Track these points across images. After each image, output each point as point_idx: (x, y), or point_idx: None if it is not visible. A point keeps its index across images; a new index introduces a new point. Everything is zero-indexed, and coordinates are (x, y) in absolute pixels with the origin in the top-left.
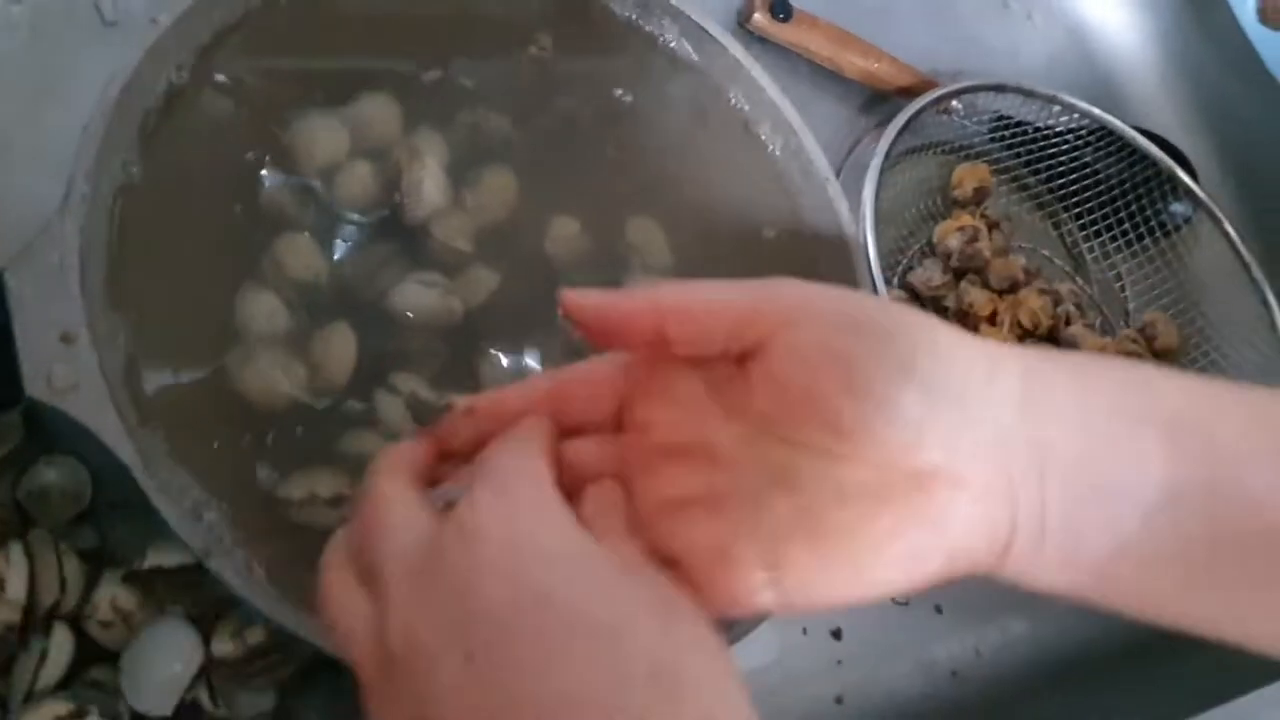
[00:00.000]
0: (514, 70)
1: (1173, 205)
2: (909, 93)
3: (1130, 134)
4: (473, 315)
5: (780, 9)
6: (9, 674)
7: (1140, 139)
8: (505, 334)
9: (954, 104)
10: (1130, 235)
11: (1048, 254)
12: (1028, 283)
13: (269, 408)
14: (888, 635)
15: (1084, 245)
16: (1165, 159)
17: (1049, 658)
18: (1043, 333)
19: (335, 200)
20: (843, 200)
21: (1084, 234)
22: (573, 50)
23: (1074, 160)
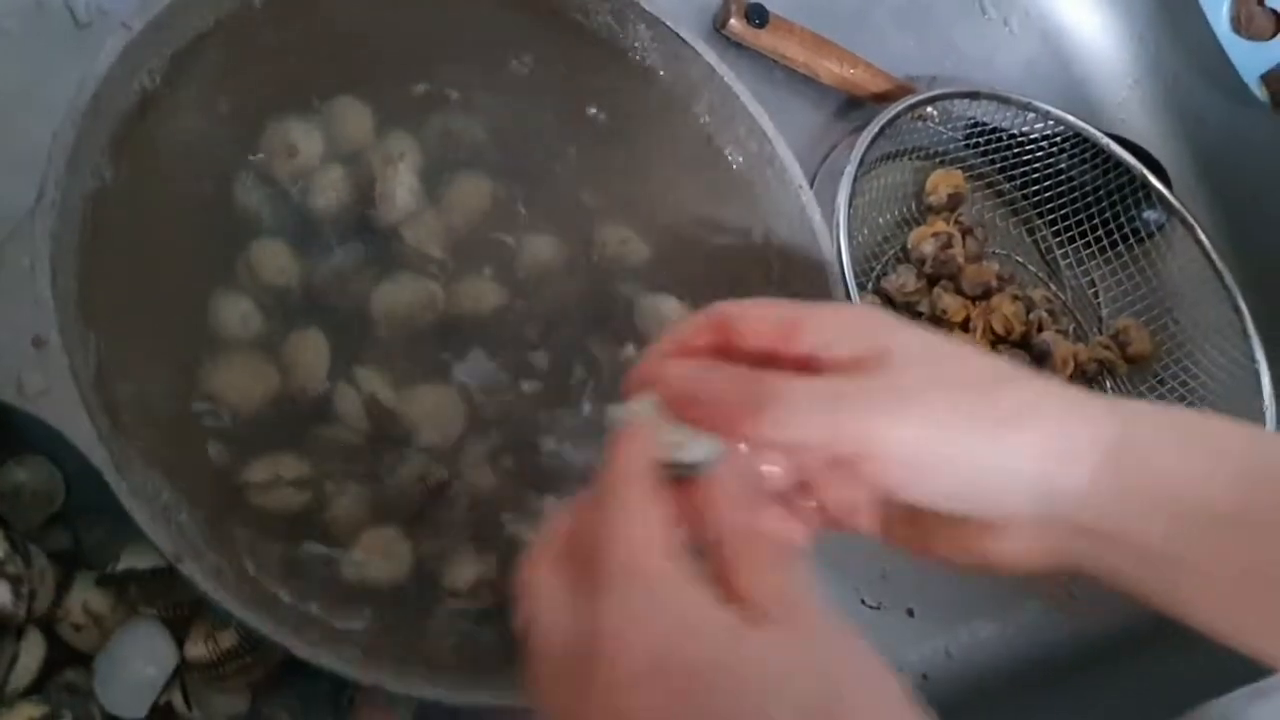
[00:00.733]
0: (490, 76)
1: (1146, 212)
2: (885, 98)
3: (1104, 141)
4: (444, 320)
5: (756, 14)
6: None
7: (1114, 146)
8: (476, 338)
9: (929, 110)
10: (1104, 242)
11: (1021, 260)
12: (1001, 289)
13: (242, 411)
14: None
15: (1058, 251)
16: (1139, 166)
17: (1018, 660)
18: (1015, 339)
19: (309, 205)
20: (817, 206)
21: (1058, 240)
22: (547, 55)
23: (1048, 167)
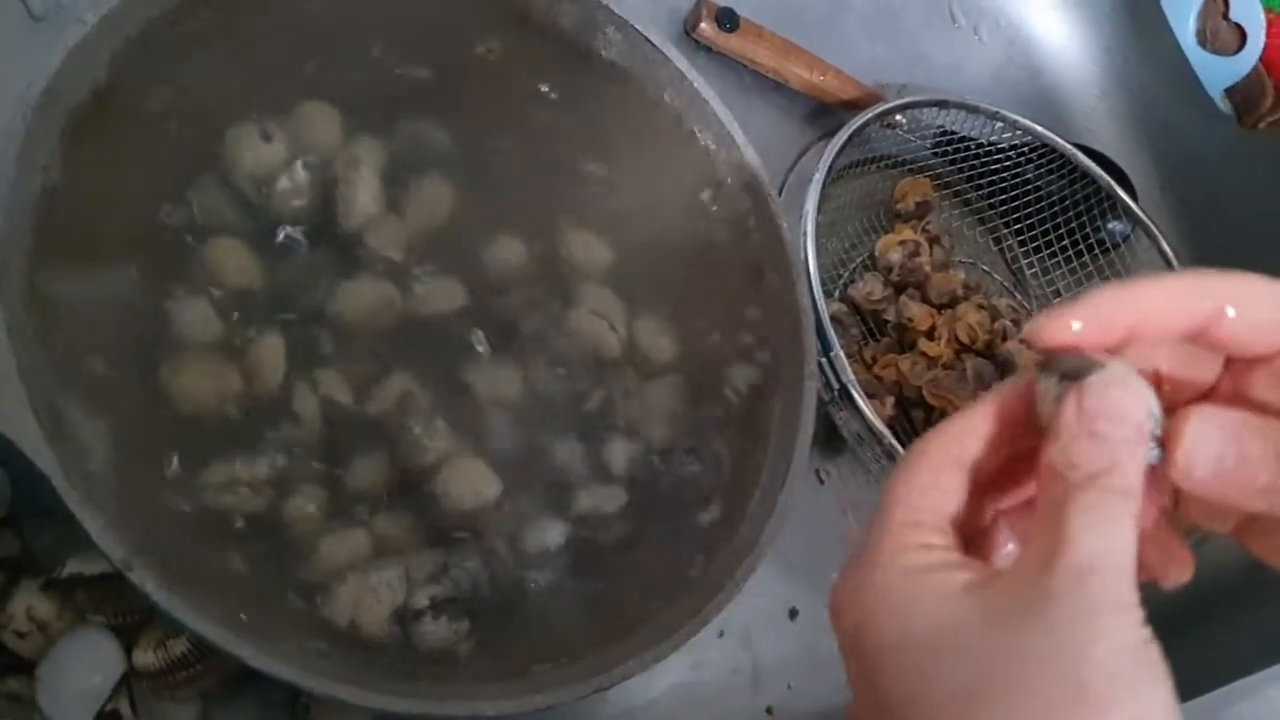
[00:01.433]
0: (456, 80)
1: (1111, 223)
2: (854, 106)
3: (1071, 151)
4: (405, 324)
5: (727, 19)
6: None
7: (1081, 156)
8: (437, 342)
9: (898, 118)
10: (1070, 252)
11: (988, 269)
12: (966, 297)
13: (200, 415)
14: (823, 643)
15: (1024, 261)
16: (1105, 177)
17: None
18: (980, 347)
19: (270, 206)
20: (784, 213)
21: (1024, 250)
22: (515, 59)
23: (1015, 176)
